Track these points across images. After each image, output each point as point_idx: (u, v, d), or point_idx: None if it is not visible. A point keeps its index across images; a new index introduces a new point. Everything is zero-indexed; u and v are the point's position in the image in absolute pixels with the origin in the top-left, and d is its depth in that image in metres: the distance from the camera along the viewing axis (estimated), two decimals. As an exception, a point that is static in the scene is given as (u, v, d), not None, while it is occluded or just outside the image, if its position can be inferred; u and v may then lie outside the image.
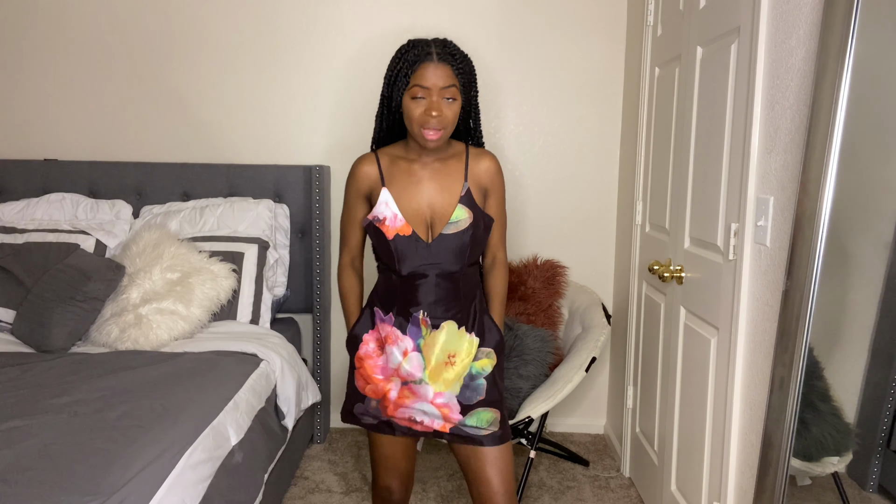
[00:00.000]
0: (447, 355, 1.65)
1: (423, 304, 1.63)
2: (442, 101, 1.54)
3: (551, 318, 2.78)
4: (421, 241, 1.62)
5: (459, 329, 1.66)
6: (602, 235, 3.09)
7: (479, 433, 1.65)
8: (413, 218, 1.63)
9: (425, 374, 1.64)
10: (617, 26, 2.95)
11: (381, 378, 1.68)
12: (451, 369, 1.65)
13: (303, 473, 2.74)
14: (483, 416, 1.66)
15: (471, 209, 1.63)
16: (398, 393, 1.67)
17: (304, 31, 2.98)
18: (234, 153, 3.05)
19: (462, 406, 1.66)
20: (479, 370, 1.68)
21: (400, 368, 1.65)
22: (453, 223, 1.61)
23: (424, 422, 1.67)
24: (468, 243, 1.63)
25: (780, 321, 1.44)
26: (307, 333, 3.09)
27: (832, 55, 1.26)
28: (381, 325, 1.68)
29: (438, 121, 1.54)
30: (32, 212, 2.83)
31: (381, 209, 1.63)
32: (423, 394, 1.65)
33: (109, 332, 2.38)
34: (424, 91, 1.54)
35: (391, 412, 1.68)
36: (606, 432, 3.14)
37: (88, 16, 3.00)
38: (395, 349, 1.65)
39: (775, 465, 1.43)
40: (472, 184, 1.66)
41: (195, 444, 1.68)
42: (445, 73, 1.54)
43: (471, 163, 1.67)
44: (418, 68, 1.54)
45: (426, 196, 1.63)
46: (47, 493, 1.37)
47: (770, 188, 1.57)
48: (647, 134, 2.56)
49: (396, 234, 1.62)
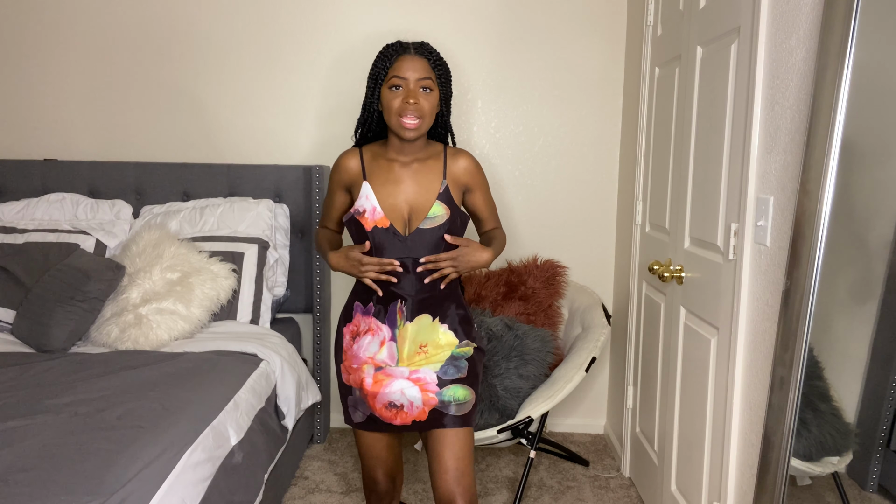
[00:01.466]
0: (418, 346, 1.70)
1: (399, 295, 1.70)
2: (419, 92, 1.64)
3: (551, 318, 2.78)
4: (398, 233, 1.69)
5: (434, 321, 1.72)
6: (602, 235, 3.09)
7: (457, 414, 1.70)
8: (391, 212, 1.70)
9: (397, 363, 1.71)
10: (617, 26, 2.95)
11: (356, 367, 1.74)
12: (423, 357, 1.71)
13: (303, 473, 2.74)
14: (460, 392, 1.72)
15: (448, 206, 1.71)
16: (373, 379, 1.72)
17: (304, 32, 2.98)
18: (234, 153, 3.05)
19: (439, 380, 1.71)
20: (463, 353, 1.74)
21: (374, 357, 1.71)
22: (430, 218, 1.69)
23: (404, 406, 1.70)
24: (443, 237, 1.70)
25: (780, 321, 1.44)
26: (307, 333, 3.09)
27: (832, 55, 1.26)
28: (362, 318, 1.74)
29: (415, 108, 1.63)
30: (32, 212, 2.83)
31: (362, 202, 1.70)
32: (399, 373, 1.71)
33: (109, 332, 2.38)
34: (402, 81, 1.63)
35: (371, 401, 1.73)
36: (606, 432, 3.14)
37: (88, 16, 3.00)
38: (372, 339, 1.71)
39: (775, 465, 1.43)
40: (451, 182, 1.74)
41: (195, 444, 1.68)
42: (422, 65, 1.65)
43: (449, 162, 1.75)
44: (395, 61, 1.65)
45: (404, 193, 1.70)
46: (47, 493, 1.37)
47: (770, 188, 1.57)
48: (647, 134, 2.56)
49: (375, 226, 1.69)
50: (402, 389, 1.70)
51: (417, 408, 1.70)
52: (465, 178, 1.77)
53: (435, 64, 1.67)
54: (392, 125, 1.66)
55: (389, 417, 1.72)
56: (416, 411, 1.71)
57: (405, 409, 1.71)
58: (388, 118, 1.66)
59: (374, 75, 1.68)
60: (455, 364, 1.73)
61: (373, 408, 1.74)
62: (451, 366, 1.72)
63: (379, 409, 1.73)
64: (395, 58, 1.65)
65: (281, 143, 3.04)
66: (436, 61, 1.68)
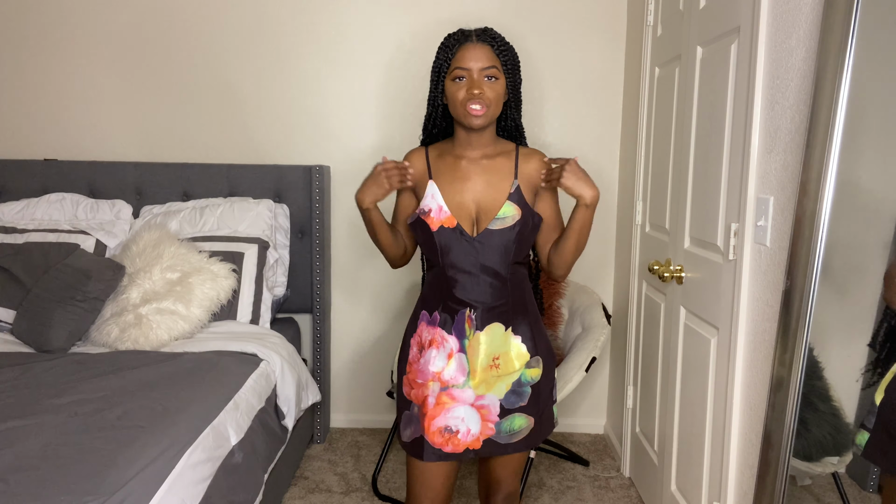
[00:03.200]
0: (492, 358, 1.59)
1: (468, 302, 1.59)
2: (483, 81, 1.54)
3: (551, 318, 2.78)
4: (465, 234, 1.58)
5: (506, 331, 1.60)
6: (602, 235, 3.08)
7: (509, 441, 1.62)
8: (458, 211, 1.59)
9: (469, 379, 1.59)
10: (617, 26, 2.95)
11: (421, 382, 1.62)
12: (496, 373, 1.59)
13: (303, 473, 2.74)
14: (517, 421, 1.62)
15: (520, 206, 1.58)
16: (436, 399, 1.59)
17: (304, 33, 2.98)
18: (234, 153, 3.05)
19: (502, 409, 1.61)
20: (529, 379, 1.62)
21: (442, 372, 1.59)
22: (500, 219, 1.57)
23: (460, 432, 1.59)
24: (514, 240, 1.58)
25: (780, 321, 1.44)
26: (307, 333, 3.09)
27: (832, 55, 1.26)
28: (427, 328, 1.64)
29: (481, 98, 1.52)
30: (32, 212, 2.83)
31: (427, 201, 1.60)
32: (465, 397, 1.59)
33: (109, 332, 2.38)
34: (465, 72, 1.54)
35: (426, 422, 1.60)
36: (606, 432, 3.14)
37: (88, 16, 3.00)
38: (438, 352, 1.60)
39: (775, 465, 1.43)
40: (523, 182, 1.61)
41: (195, 444, 1.68)
42: (485, 53, 1.54)
43: (521, 161, 1.63)
44: (457, 51, 1.55)
45: (472, 191, 1.60)
46: (47, 493, 1.37)
47: (770, 188, 1.57)
48: (647, 134, 2.56)
49: (441, 226, 1.58)
50: (464, 416, 1.59)
51: (473, 436, 1.60)
52: (538, 177, 1.63)
53: (500, 50, 1.56)
54: (458, 115, 1.56)
55: (440, 444, 1.59)
56: (471, 439, 1.60)
57: (460, 436, 1.59)
58: (453, 110, 1.57)
59: (436, 68, 1.59)
60: (518, 391, 1.61)
61: (425, 430, 1.59)
62: (515, 393, 1.61)
63: (431, 433, 1.59)
64: (456, 48, 1.55)
65: (281, 142, 3.04)
66: (500, 47, 1.57)
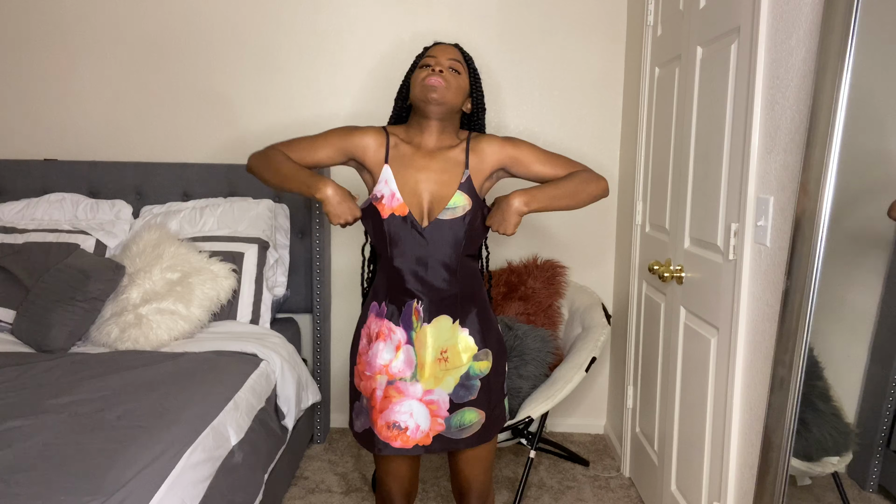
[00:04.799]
0: (440, 352, 1.59)
1: (415, 293, 1.59)
2: (447, 65, 1.61)
3: (551, 318, 2.78)
4: (416, 224, 1.58)
5: (454, 324, 1.61)
6: (602, 235, 3.08)
7: (460, 436, 1.63)
8: (410, 199, 1.59)
9: (417, 372, 1.59)
10: (617, 26, 2.95)
11: (369, 375, 1.63)
12: (445, 366, 1.60)
13: (303, 473, 2.74)
14: (467, 416, 1.63)
15: (470, 196, 1.60)
16: (383, 392, 1.60)
17: (304, 34, 2.98)
18: (233, 153, 3.05)
19: (451, 403, 1.62)
20: (478, 372, 1.63)
21: (389, 366, 1.60)
22: (450, 209, 1.58)
23: (409, 428, 1.60)
24: (465, 231, 1.59)
25: (780, 321, 1.44)
26: (307, 333, 3.09)
27: (832, 55, 1.26)
28: (375, 320, 1.64)
29: (442, 76, 1.57)
30: (32, 212, 2.83)
31: (381, 187, 1.60)
32: (412, 392, 1.60)
33: (109, 332, 2.38)
34: (432, 60, 1.62)
35: (374, 415, 1.62)
36: (606, 432, 3.14)
37: (87, 16, 3.00)
38: (385, 345, 1.61)
39: (775, 465, 1.43)
40: (475, 171, 1.63)
41: (195, 444, 1.68)
42: (453, 50, 1.65)
43: (471, 150, 1.64)
44: (429, 49, 1.67)
45: (426, 181, 1.60)
46: (47, 493, 1.37)
47: (770, 188, 1.57)
48: (647, 134, 2.56)
49: (392, 213, 1.57)
50: (412, 411, 1.59)
51: (422, 432, 1.60)
52: (493, 159, 1.64)
53: (466, 56, 1.67)
54: (416, 95, 1.58)
55: (388, 438, 1.60)
56: (420, 435, 1.60)
57: (409, 433, 1.59)
58: (414, 93, 1.59)
59: (411, 69, 1.68)
60: (467, 385, 1.62)
61: (373, 422, 1.61)
62: (463, 387, 1.61)
63: (379, 427, 1.60)
64: (430, 48, 1.67)
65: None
66: (467, 56, 1.68)
